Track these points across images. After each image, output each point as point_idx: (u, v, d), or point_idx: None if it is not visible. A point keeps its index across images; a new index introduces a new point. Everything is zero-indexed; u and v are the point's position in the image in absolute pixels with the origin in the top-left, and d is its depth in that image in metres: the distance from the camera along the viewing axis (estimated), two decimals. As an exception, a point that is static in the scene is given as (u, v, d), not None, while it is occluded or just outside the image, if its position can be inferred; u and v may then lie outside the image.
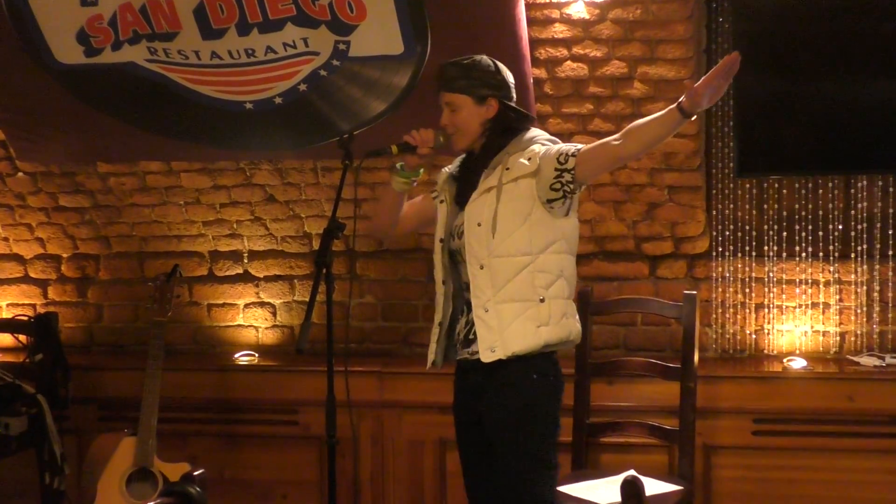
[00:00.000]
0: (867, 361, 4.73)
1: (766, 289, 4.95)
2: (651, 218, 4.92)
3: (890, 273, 4.85)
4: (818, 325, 4.93)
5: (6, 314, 5.57)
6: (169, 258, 5.41)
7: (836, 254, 4.87)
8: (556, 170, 3.43)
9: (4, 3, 4.61)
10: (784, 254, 4.91)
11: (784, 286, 4.94)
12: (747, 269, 4.96)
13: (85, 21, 4.59)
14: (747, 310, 4.98)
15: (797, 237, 4.88)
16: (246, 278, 5.47)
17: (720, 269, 4.98)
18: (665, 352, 4.98)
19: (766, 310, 4.96)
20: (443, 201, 3.66)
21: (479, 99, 3.55)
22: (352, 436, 4.07)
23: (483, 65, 3.56)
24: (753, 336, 4.98)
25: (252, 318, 5.48)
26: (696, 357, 4.32)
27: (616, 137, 3.40)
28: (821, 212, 4.86)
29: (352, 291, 5.21)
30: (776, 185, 4.90)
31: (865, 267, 4.85)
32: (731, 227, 4.95)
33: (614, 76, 4.57)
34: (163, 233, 5.43)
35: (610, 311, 4.73)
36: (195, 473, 4.57)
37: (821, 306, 4.92)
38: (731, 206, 4.94)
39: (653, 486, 4.05)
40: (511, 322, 3.44)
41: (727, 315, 4.98)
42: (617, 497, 3.62)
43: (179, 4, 4.46)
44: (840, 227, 4.85)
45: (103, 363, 5.36)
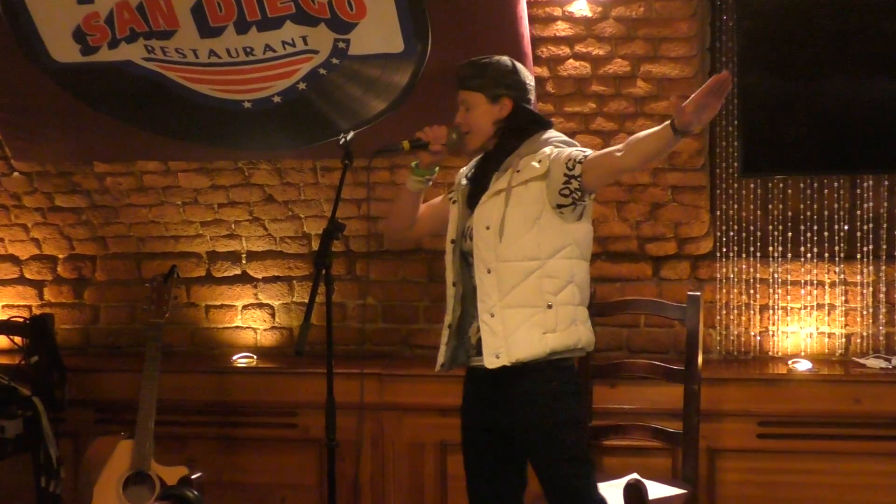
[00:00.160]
0: (873, 364, 4.72)
1: (771, 290, 4.93)
2: (654, 218, 4.90)
3: (896, 274, 4.85)
4: (823, 327, 4.91)
5: (1, 316, 5.54)
6: (166, 259, 5.39)
7: (842, 254, 4.86)
8: (565, 175, 3.40)
9: (0, 1, 4.58)
10: (789, 254, 4.89)
11: (789, 287, 4.92)
12: (752, 270, 4.94)
13: (81, 19, 4.57)
14: (752, 311, 4.95)
15: (802, 238, 4.86)
16: (244, 279, 5.45)
17: (724, 270, 4.96)
18: (668, 354, 4.97)
19: (771, 311, 4.94)
20: (455, 202, 3.63)
21: (493, 98, 3.52)
22: (357, 438, 4.05)
23: (500, 64, 3.54)
24: (758, 338, 4.96)
25: (250, 320, 5.46)
26: (700, 359, 4.29)
27: (619, 148, 3.37)
28: (826, 212, 4.84)
29: (366, 292, 5.23)
30: (781, 185, 4.88)
31: (871, 268, 4.83)
32: (736, 228, 4.92)
33: (617, 75, 4.55)
34: (160, 233, 5.41)
35: (613, 313, 4.71)
36: (193, 477, 4.56)
37: (826, 308, 4.90)
38: (736, 207, 4.92)
39: (656, 490, 4.04)
40: (517, 328, 3.40)
41: (731, 316, 4.96)
42: (620, 501, 3.63)
43: (177, 2, 4.44)
44: (846, 228, 4.83)
45: (100, 365, 5.34)
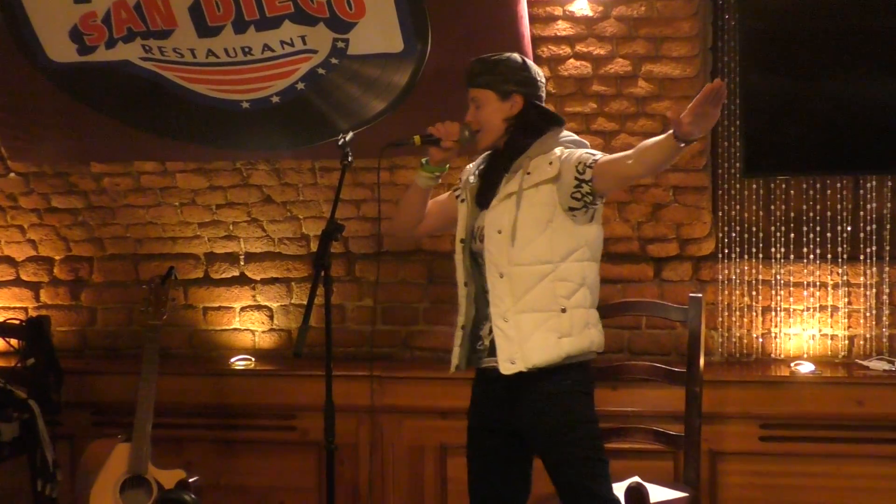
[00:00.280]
0: (876, 366, 4.71)
1: (774, 291, 4.92)
2: (656, 219, 4.89)
3: (900, 275, 4.84)
4: (826, 329, 4.90)
5: (-2, 317, 5.52)
6: (164, 260, 5.37)
7: (845, 256, 4.84)
8: (576, 178, 3.37)
9: (-4, 1, 4.59)
10: (791, 256, 4.89)
11: (791, 289, 4.91)
12: (754, 272, 4.93)
13: (78, 18, 4.56)
14: (754, 313, 4.95)
15: (805, 239, 4.86)
16: (242, 281, 5.44)
17: (726, 272, 4.95)
18: (670, 356, 4.96)
19: (774, 313, 4.93)
20: (464, 200, 3.58)
21: (503, 95, 3.48)
22: (356, 441, 4.02)
23: (510, 61, 3.51)
24: (760, 340, 4.95)
25: (249, 322, 5.44)
26: (702, 361, 4.27)
27: (629, 155, 3.35)
28: (829, 213, 4.83)
29: (372, 293, 5.22)
30: (783, 186, 4.87)
31: (875, 269, 4.83)
32: (738, 229, 4.92)
33: (618, 74, 4.55)
34: (157, 234, 5.40)
35: (614, 314, 4.67)
36: (190, 480, 4.53)
37: (829, 309, 4.89)
38: (738, 207, 4.91)
39: (658, 493, 4.02)
40: (531, 333, 3.37)
41: (733, 318, 4.95)
42: (622, 504, 3.59)
43: (175, 2, 4.44)
44: (849, 229, 4.83)
45: (97, 367, 5.33)
